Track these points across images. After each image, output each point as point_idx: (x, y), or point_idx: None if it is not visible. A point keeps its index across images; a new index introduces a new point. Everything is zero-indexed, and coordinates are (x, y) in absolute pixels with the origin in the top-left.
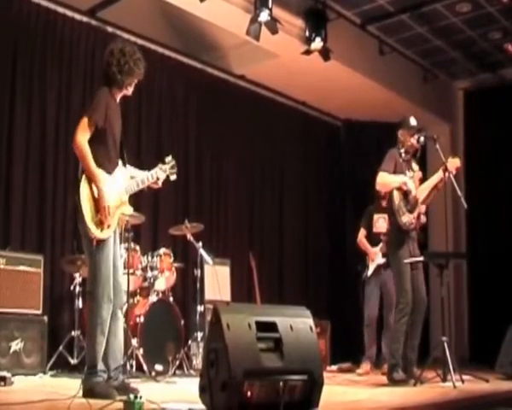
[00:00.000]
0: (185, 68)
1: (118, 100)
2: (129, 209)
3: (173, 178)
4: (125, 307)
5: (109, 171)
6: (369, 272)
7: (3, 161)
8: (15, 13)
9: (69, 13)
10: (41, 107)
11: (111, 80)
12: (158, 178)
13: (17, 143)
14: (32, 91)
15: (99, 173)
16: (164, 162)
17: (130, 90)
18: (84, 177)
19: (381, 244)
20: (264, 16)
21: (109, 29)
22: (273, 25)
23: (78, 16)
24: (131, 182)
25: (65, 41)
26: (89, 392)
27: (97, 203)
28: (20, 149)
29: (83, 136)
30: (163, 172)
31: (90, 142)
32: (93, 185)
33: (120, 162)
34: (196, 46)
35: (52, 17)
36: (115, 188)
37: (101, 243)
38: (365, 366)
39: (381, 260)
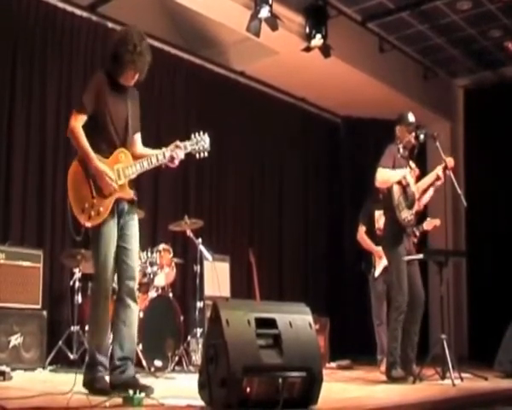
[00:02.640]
0: (185, 64)
1: (123, 83)
2: (128, 193)
3: (202, 156)
4: None
5: (107, 152)
6: (377, 272)
7: (3, 156)
8: (15, 7)
9: (69, 8)
10: (41, 103)
11: (108, 64)
12: (173, 158)
13: (17, 138)
14: (32, 87)
15: (92, 153)
16: (185, 139)
17: (127, 81)
18: (74, 161)
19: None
20: (264, 13)
21: (109, 24)
22: (273, 21)
23: (78, 11)
24: (132, 164)
25: (65, 36)
26: (87, 385)
27: (95, 182)
28: (19, 144)
29: (75, 120)
30: (181, 149)
31: (87, 128)
32: (86, 167)
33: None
34: (196, 42)
35: (52, 12)
36: (110, 170)
37: (95, 230)
38: (383, 364)
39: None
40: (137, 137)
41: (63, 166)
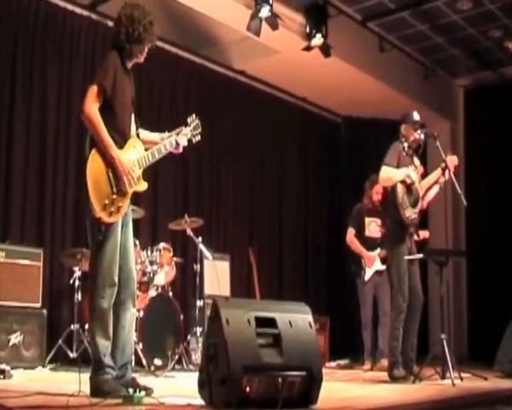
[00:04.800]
0: (185, 63)
1: (129, 66)
2: (143, 185)
3: (197, 139)
4: None
5: (120, 143)
6: (367, 276)
7: (3, 154)
8: (15, 6)
9: (70, 6)
10: (41, 101)
11: (120, 48)
12: (178, 144)
13: (17, 136)
14: (33, 86)
15: (112, 141)
16: (186, 124)
17: (141, 58)
18: (93, 151)
19: (378, 249)
20: (264, 12)
21: (110, 23)
22: (274, 20)
23: (78, 10)
24: (145, 154)
25: (65, 35)
26: (96, 391)
27: (114, 175)
28: (19, 142)
29: (92, 104)
30: (183, 135)
31: (99, 111)
32: (103, 158)
33: (134, 134)
34: (197, 41)
35: (52, 10)
36: (128, 163)
37: (107, 227)
38: (368, 363)
39: (380, 266)
40: (133, 118)
41: (63, 165)
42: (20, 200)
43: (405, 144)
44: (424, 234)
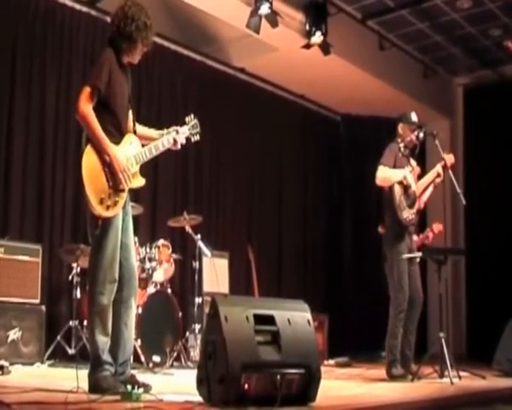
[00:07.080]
0: (185, 60)
1: (126, 62)
2: (140, 181)
3: (195, 139)
4: None
5: (117, 139)
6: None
7: (2, 150)
8: (15, 2)
9: (69, 2)
10: (41, 98)
11: (114, 43)
12: (176, 141)
13: (16, 132)
14: (32, 83)
15: (107, 139)
16: (184, 123)
17: (135, 59)
18: (87, 148)
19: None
20: (264, 9)
21: (109, 19)
22: (273, 18)
23: (77, 6)
24: (142, 150)
25: (64, 31)
26: (95, 387)
27: (109, 172)
28: (19, 138)
29: (86, 105)
30: (181, 134)
31: (94, 109)
32: (99, 155)
33: (131, 130)
34: (196, 38)
35: (51, 6)
36: (124, 159)
37: (106, 222)
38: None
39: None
40: (130, 114)
41: (62, 161)
42: (18, 196)
43: (401, 145)
44: (439, 227)
